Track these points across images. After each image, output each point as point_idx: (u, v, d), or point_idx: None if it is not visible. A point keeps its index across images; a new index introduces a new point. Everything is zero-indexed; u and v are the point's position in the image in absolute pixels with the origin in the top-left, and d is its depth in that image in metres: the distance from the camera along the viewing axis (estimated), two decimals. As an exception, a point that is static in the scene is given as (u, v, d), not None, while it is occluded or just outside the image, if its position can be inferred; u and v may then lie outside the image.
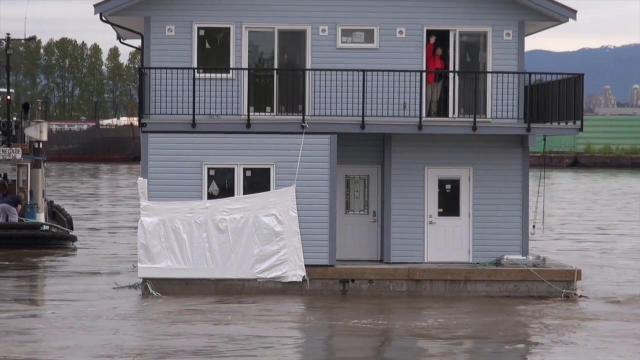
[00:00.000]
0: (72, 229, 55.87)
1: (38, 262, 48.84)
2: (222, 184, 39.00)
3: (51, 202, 58.59)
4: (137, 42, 49.28)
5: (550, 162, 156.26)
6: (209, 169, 38.90)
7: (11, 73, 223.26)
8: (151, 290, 37.65)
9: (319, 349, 31.71)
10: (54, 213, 56.99)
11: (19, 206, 53.17)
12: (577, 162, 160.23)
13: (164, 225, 38.15)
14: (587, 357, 30.00)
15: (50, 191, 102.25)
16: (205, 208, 38.33)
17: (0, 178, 53.90)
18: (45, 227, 53.14)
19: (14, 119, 57.97)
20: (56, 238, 53.27)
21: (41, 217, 53.82)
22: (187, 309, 35.75)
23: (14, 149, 54.45)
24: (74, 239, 54.22)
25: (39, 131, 55.88)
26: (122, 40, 45.96)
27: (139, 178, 45.96)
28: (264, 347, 30.22)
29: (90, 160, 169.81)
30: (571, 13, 40.42)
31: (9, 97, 59.53)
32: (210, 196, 38.79)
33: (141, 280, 38.33)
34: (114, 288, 40.14)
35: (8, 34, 61.04)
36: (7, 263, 47.35)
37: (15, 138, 55.96)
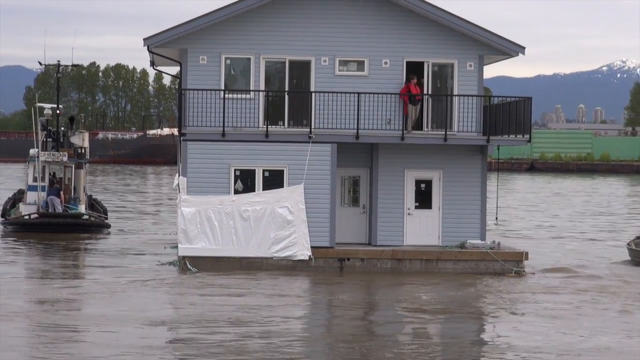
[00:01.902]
0: (107, 218, 55.28)
1: (85, 244, 48.07)
2: (245, 182, 39.06)
3: (90, 195, 57.93)
4: (168, 69, 49.80)
5: (511, 167, 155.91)
6: (235, 170, 38.94)
7: (75, 92, 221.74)
8: (189, 266, 37.51)
9: (320, 314, 31.69)
10: (93, 205, 56.17)
11: (62, 194, 52.55)
12: (533, 167, 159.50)
13: (199, 214, 38.07)
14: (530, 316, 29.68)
15: (101, 186, 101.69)
16: (232, 201, 38.33)
17: (50, 176, 53.84)
18: (85, 216, 52.64)
19: (62, 129, 57.89)
20: (94, 225, 52.72)
21: (82, 208, 53.24)
22: (218, 282, 35.59)
23: (61, 153, 53.93)
24: (108, 226, 53.68)
25: (81, 139, 55.83)
26: (154, 67, 45.91)
27: (175, 177, 46.67)
28: (277, 315, 29.89)
29: (138, 163, 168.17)
30: (520, 49, 40.77)
31: (58, 112, 59.36)
32: (236, 192, 38.81)
33: (181, 258, 38.18)
34: (157, 264, 39.81)
35: (58, 60, 60.26)
36: (55, 244, 46.55)
37: (63, 144, 55.21)
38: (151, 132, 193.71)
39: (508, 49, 40.66)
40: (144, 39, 39.70)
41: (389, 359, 23.95)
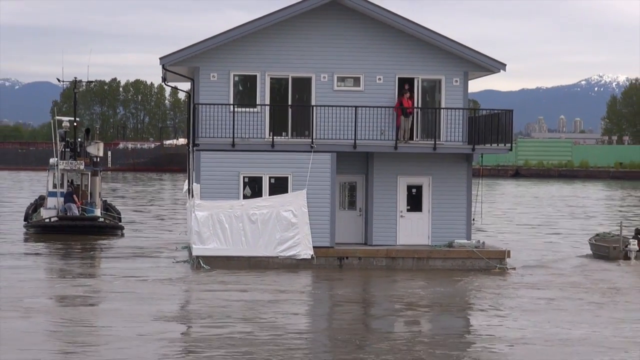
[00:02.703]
0: (120, 221, 54.75)
1: (101, 244, 47.58)
2: (253, 188, 39.02)
3: (105, 200, 57.82)
4: (179, 84, 49.59)
5: (497, 173, 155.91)
6: (244, 177, 38.91)
7: (97, 105, 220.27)
8: (202, 264, 37.42)
9: (318, 306, 31.75)
10: (107, 208, 55.97)
11: (74, 197, 52.14)
12: (518, 173, 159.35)
13: (211, 217, 38.01)
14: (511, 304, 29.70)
15: (121, 191, 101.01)
16: (241, 205, 38.31)
17: (68, 183, 54.05)
18: (101, 219, 52.29)
19: (79, 139, 57.95)
20: (109, 227, 52.29)
21: (98, 212, 53.05)
22: (228, 278, 35.45)
23: (78, 162, 53.93)
24: (122, 228, 53.17)
25: (96, 149, 55.81)
26: (166, 83, 45.49)
27: (185, 183, 46.76)
28: (283, 309, 29.81)
29: (156, 171, 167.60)
30: (502, 65, 40.80)
31: (75, 124, 59.31)
32: (245, 197, 38.79)
33: (195, 257, 38.04)
34: (173, 262, 39.75)
35: (75, 77, 60.13)
36: (73, 245, 46.24)
37: (80, 154, 55.07)
38: (167, 142, 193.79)
39: (490, 66, 40.76)
40: (160, 58, 39.71)
41: (384, 350, 23.90)
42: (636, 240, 43.26)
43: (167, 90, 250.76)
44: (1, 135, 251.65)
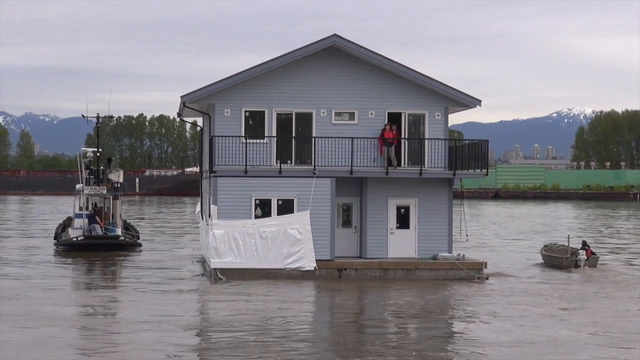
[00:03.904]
0: (139, 239, 54.55)
1: (122, 260, 47.00)
2: (263, 209, 39.03)
3: (125, 220, 57.26)
4: (190, 118, 48.80)
5: (479, 195, 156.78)
6: (255, 199, 38.93)
7: (126, 137, 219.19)
8: (220, 276, 37.40)
9: (321, 312, 31.67)
10: (127, 227, 55.58)
11: (97, 218, 52.00)
12: (498, 195, 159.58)
13: (227, 235, 38.07)
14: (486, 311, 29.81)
15: (147, 212, 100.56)
16: (253, 224, 38.36)
17: (93, 205, 53.28)
18: (122, 237, 52.13)
19: (102, 167, 57.82)
20: (129, 245, 51.99)
21: (119, 231, 52.82)
22: (243, 290, 35.23)
23: (101, 187, 53.63)
24: (140, 245, 52.98)
25: (117, 176, 55.25)
26: (181, 118, 45.58)
27: (197, 205, 46.57)
28: (290, 314, 29.90)
29: (178, 195, 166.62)
30: (477, 101, 41.03)
31: (98, 154, 59.19)
32: (256, 216, 38.81)
33: (212, 269, 37.99)
34: (192, 275, 39.58)
35: (97, 113, 59.08)
36: (97, 261, 45.77)
37: (102, 180, 54.55)
38: (188, 169, 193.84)
39: (467, 102, 40.98)
40: (181, 96, 39.87)
41: (380, 351, 23.73)
42: (584, 251, 44.37)
43: (188, 124, 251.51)
44: (42, 164, 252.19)
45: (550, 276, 41.32)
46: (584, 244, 45.70)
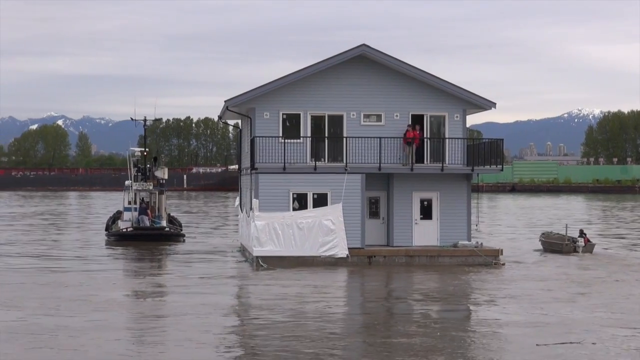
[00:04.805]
0: (182, 229, 54.25)
1: (167, 249, 46.61)
2: (300, 202, 39.18)
3: (169, 214, 56.88)
4: (230, 121, 48.88)
5: (497, 189, 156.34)
6: (293, 193, 39.15)
7: (175, 138, 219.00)
8: (261, 263, 37.53)
9: (354, 295, 31.59)
10: (171, 220, 55.55)
11: (149, 212, 52.36)
12: (514, 189, 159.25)
13: (268, 225, 38.15)
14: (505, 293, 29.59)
15: (193, 206, 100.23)
16: (291, 216, 38.44)
17: (140, 200, 53.44)
18: (166, 229, 52.08)
19: (148, 165, 58.00)
20: (173, 235, 51.68)
21: (164, 223, 52.94)
22: (282, 275, 35.25)
23: (148, 183, 53.81)
24: (184, 235, 52.54)
25: (163, 173, 55.18)
26: (221, 120, 45.64)
27: (236, 199, 46.14)
28: (326, 297, 29.93)
29: (222, 190, 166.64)
30: (492, 104, 41.03)
31: (145, 154, 59.35)
32: (294, 209, 38.98)
33: (254, 257, 38.12)
34: (237, 262, 39.85)
35: (145, 116, 58.97)
36: (145, 250, 45.66)
37: (149, 177, 54.70)
38: (231, 167, 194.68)
39: (483, 104, 41.03)
40: (225, 100, 40.16)
41: (404, 330, 23.72)
42: (582, 238, 45.01)
43: (230, 126, 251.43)
44: (98, 163, 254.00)
45: (559, 262, 41.11)
46: (581, 232, 46.14)
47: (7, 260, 41.05)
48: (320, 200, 39.38)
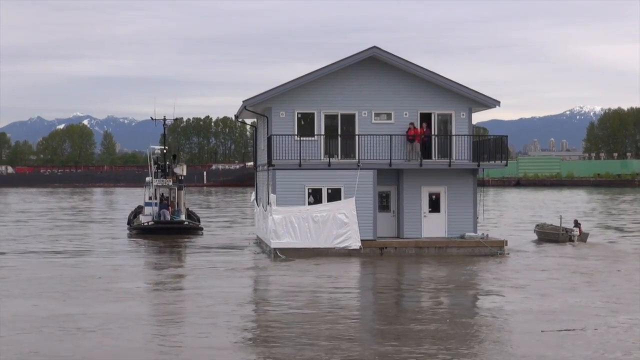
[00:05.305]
0: (200, 223, 54.18)
1: (186, 242, 46.63)
2: (315, 197, 39.26)
3: (187, 208, 56.63)
4: (250, 120, 48.53)
5: (503, 183, 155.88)
6: (308, 188, 39.22)
7: (195, 137, 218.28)
8: (279, 254, 37.59)
9: (366, 284, 31.51)
10: (190, 215, 55.34)
11: (170, 207, 52.59)
12: (519, 183, 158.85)
13: (285, 219, 38.19)
14: (511, 282, 29.62)
15: (214, 201, 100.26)
16: (307, 210, 38.54)
17: (161, 195, 53.45)
18: (185, 223, 52.16)
19: (167, 162, 57.92)
20: (192, 229, 51.90)
21: (183, 217, 52.87)
22: (298, 265, 35.24)
23: (167, 179, 53.89)
24: (202, 229, 52.78)
25: (181, 170, 55.21)
26: (237, 119, 45.70)
27: (252, 194, 45.95)
28: (340, 286, 29.95)
29: (240, 186, 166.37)
30: (497, 102, 40.92)
31: (164, 151, 59.52)
32: (309, 203, 39.04)
33: (272, 249, 38.15)
34: (254, 254, 39.88)
35: (164, 116, 59.67)
36: (165, 243, 45.70)
37: (168, 174, 54.79)
38: (249, 164, 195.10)
39: (488, 102, 40.99)
40: (243, 100, 40.25)
41: (414, 317, 23.69)
42: (577, 228, 45.52)
43: (247, 125, 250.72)
44: (122, 160, 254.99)
45: (559, 251, 41.05)
46: (576, 222, 46.67)
47: (29, 253, 41.10)
48: (334, 195, 39.42)
